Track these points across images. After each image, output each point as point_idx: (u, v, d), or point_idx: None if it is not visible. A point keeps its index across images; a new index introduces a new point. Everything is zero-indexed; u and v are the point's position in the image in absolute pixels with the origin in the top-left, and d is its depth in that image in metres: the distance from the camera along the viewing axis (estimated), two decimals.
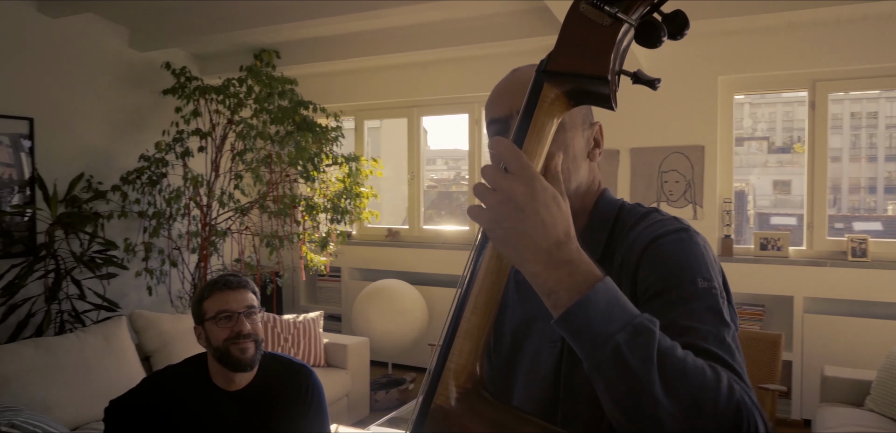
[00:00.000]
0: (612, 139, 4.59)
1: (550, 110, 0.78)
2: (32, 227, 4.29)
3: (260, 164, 4.71)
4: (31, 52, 4.29)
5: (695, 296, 0.83)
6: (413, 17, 4.38)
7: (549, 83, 0.78)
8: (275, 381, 1.97)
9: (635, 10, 0.74)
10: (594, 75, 0.74)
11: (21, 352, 3.07)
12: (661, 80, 0.79)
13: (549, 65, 0.77)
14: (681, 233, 0.90)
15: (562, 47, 0.76)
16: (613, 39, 0.74)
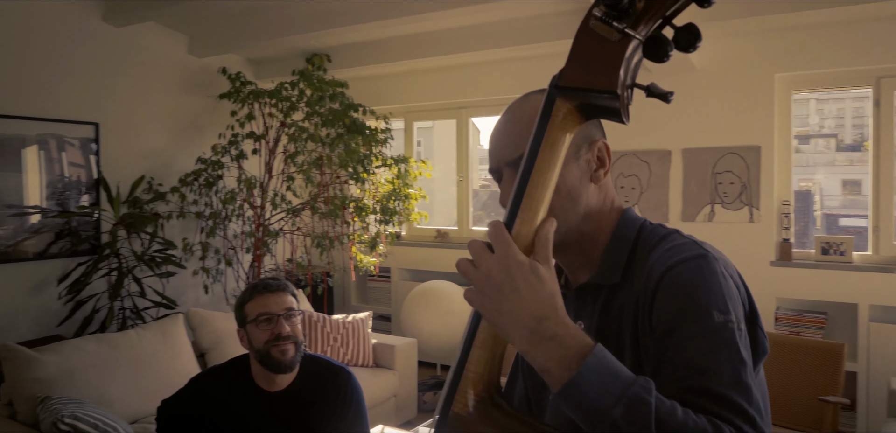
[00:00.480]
0: (664, 140, 4.50)
1: (563, 125, 0.80)
2: (97, 228, 4.50)
3: (311, 166, 4.81)
4: (97, 59, 4.49)
5: (711, 331, 0.80)
6: (461, 20, 4.38)
7: (560, 98, 0.79)
8: (315, 383, 2.01)
9: (643, 26, 0.75)
10: (604, 90, 0.75)
11: (85, 346, 3.21)
12: (673, 93, 0.79)
13: (560, 80, 0.79)
14: (698, 261, 0.86)
15: (572, 62, 0.77)
16: (622, 54, 0.75)
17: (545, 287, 0.74)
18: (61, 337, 4.10)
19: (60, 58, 4.29)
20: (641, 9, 0.74)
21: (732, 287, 0.86)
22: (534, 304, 0.74)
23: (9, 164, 4.07)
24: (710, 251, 0.89)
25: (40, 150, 4.23)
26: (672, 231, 0.96)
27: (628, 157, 4.63)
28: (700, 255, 0.87)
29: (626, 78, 0.76)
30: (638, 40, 0.75)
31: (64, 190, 4.35)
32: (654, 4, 0.74)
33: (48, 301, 4.25)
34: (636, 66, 0.78)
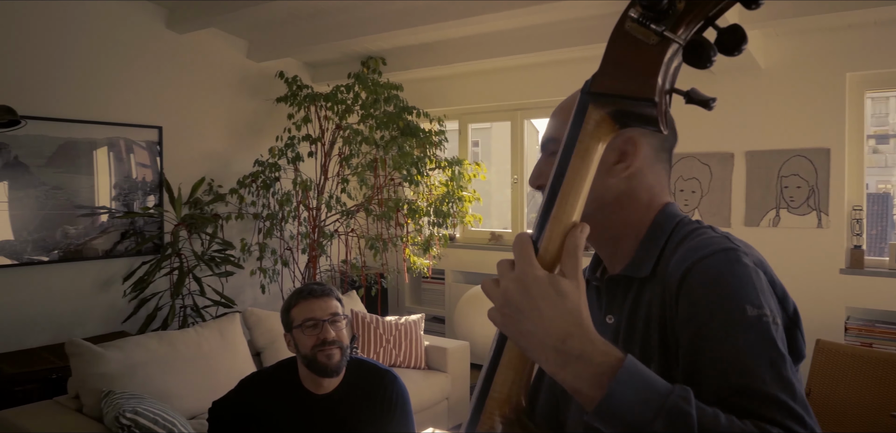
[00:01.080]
0: (726, 142, 4.34)
1: (595, 133, 0.75)
2: (161, 228, 4.65)
3: (365, 168, 4.85)
4: (161, 65, 4.64)
5: (745, 326, 0.74)
6: (516, 21, 4.34)
7: (593, 105, 0.75)
8: (361, 386, 2.01)
9: (684, 28, 0.70)
10: (640, 97, 0.70)
11: (147, 343, 3.31)
12: (715, 99, 0.74)
13: (593, 85, 0.74)
14: (727, 253, 0.81)
15: (606, 67, 0.73)
16: (661, 59, 0.70)
17: (566, 302, 0.70)
18: (126, 333, 4.25)
19: (127, 64, 4.46)
20: (682, 9, 0.69)
21: (764, 282, 0.80)
22: (556, 322, 0.69)
23: (82, 166, 4.25)
24: (741, 246, 0.83)
25: (110, 152, 4.40)
26: (704, 226, 0.91)
27: (688, 160, 4.49)
28: (728, 249, 0.81)
29: (664, 84, 0.71)
30: (678, 44, 0.70)
31: (129, 191, 4.52)
32: (695, 5, 0.69)
33: (114, 298, 4.42)
34: (675, 70, 0.73)
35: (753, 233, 4.26)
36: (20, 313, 4.00)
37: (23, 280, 4.02)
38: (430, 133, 5.02)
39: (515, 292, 0.71)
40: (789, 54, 4.09)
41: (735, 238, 0.86)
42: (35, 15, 4.00)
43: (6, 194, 3.92)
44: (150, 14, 4.55)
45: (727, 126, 4.33)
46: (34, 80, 4.01)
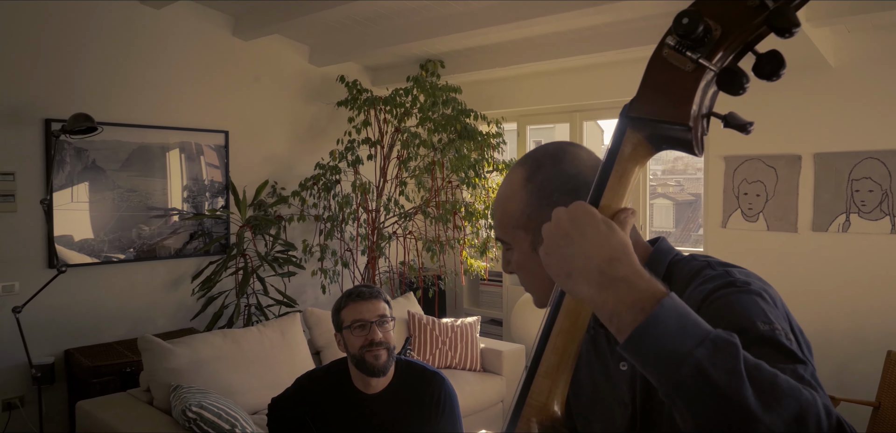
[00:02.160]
0: (793, 143, 4.19)
1: (633, 156, 0.78)
2: (227, 229, 4.83)
3: (423, 171, 4.90)
4: (228, 71, 4.82)
5: (760, 340, 0.75)
6: (573, 23, 4.31)
7: (631, 128, 0.77)
8: (409, 387, 2.06)
9: (720, 56, 0.71)
10: (675, 122, 0.72)
11: (212, 340, 3.45)
12: (753, 124, 0.74)
13: (631, 110, 0.76)
14: (731, 289, 0.83)
15: (644, 92, 0.75)
16: (696, 85, 0.71)
17: (615, 233, 0.72)
18: (194, 330, 4.44)
19: (196, 70, 4.65)
20: (717, 38, 0.70)
21: (775, 306, 0.82)
22: (603, 246, 0.71)
23: (154, 169, 4.46)
24: (743, 279, 0.85)
25: (181, 156, 4.60)
26: (704, 264, 0.91)
27: (753, 162, 4.35)
28: (730, 284, 0.83)
29: (700, 109, 0.72)
30: (712, 71, 0.71)
31: (198, 193, 4.71)
32: (730, 34, 0.70)
33: (183, 296, 4.62)
34: (713, 96, 0.74)
35: (821, 239, 4.10)
36: (97, 309, 4.23)
37: (100, 277, 4.25)
38: (488, 136, 5.03)
39: (566, 219, 0.74)
40: (862, 52, 3.92)
41: (737, 270, 0.87)
42: (110, 26, 4.22)
43: (86, 196, 4.16)
44: (218, 22, 4.73)
45: (794, 127, 4.18)
46: (109, 87, 4.23)
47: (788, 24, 0.66)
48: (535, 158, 1.00)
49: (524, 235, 0.99)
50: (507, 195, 1.01)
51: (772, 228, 4.29)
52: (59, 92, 4.01)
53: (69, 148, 4.05)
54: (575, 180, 0.95)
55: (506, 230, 1.01)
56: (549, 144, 1.03)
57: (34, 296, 3.76)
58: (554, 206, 0.88)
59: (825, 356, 4.06)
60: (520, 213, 0.98)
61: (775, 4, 0.68)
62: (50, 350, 4.00)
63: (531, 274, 1.00)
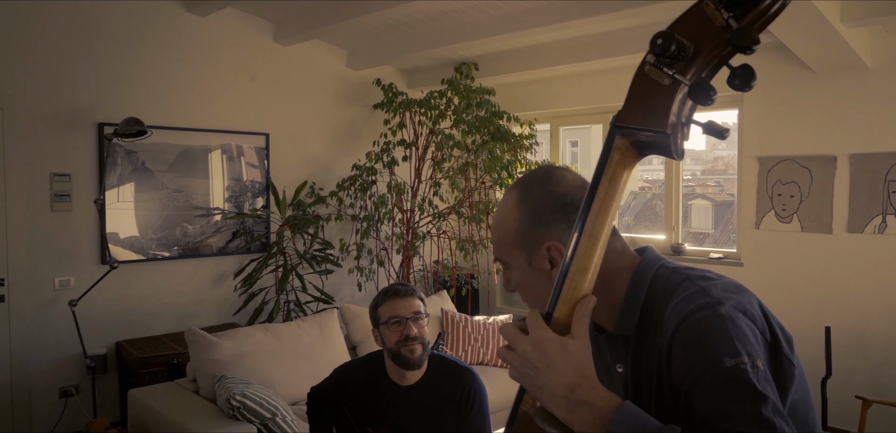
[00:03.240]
0: (828, 144, 4.17)
1: (622, 161, 0.87)
2: (267, 228, 5.00)
3: (457, 172, 5.01)
4: (268, 75, 5.00)
5: (725, 379, 0.83)
6: (606, 25, 4.36)
7: (619, 136, 0.87)
8: (441, 381, 2.16)
9: (693, 71, 0.80)
10: (656, 129, 0.81)
11: (254, 334, 3.60)
12: (729, 131, 0.84)
13: (618, 119, 0.85)
14: (703, 311, 0.89)
15: (629, 103, 0.84)
16: (672, 97, 0.80)
17: (574, 359, 0.84)
18: (236, 324, 4.62)
19: (238, 75, 4.83)
20: (691, 55, 0.79)
21: (742, 327, 0.87)
22: (566, 375, 0.83)
23: (199, 171, 4.65)
24: (717, 296, 0.90)
25: (223, 157, 4.79)
26: (682, 279, 0.98)
27: (787, 163, 4.34)
28: (704, 305, 0.89)
29: (678, 118, 0.81)
30: (686, 85, 0.80)
31: (240, 193, 4.89)
32: (702, 52, 0.79)
33: (226, 292, 4.80)
34: (691, 106, 0.83)
35: (857, 241, 4.07)
36: (146, 303, 4.44)
37: (149, 273, 4.46)
38: (521, 137, 5.11)
39: (532, 353, 0.86)
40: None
41: (712, 285, 0.93)
42: (158, 33, 4.42)
43: (136, 196, 4.37)
44: (259, 29, 4.91)
45: (829, 127, 4.16)
46: (157, 92, 4.44)
47: (749, 41, 0.75)
48: (526, 181, 1.08)
49: (520, 253, 1.06)
50: (503, 217, 1.08)
51: (806, 229, 4.28)
52: (111, 97, 4.22)
53: (120, 150, 4.26)
54: (563, 199, 1.03)
55: (503, 250, 1.08)
56: (538, 168, 1.12)
57: (88, 290, 3.98)
58: (544, 225, 1.02)
59: (861, 358, 4.04)
60: (515, 232, 1.05)
61: (739, 24, 0.76)
62: (102, 342, 4.22)
63: (530, 290, 1.07)
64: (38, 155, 3.97)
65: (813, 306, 4.23)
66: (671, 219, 5.08)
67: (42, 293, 4.02)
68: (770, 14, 0.77)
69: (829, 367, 3.71)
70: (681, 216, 5.12)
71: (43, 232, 4.01)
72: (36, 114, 3.96)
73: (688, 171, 7.45)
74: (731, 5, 0.76)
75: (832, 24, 3.35)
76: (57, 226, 4.06)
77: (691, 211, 7.64)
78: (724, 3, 0.77)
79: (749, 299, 0.92)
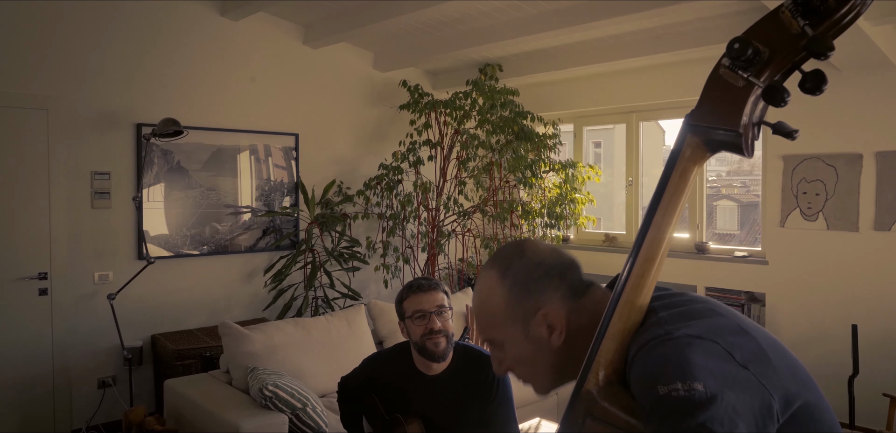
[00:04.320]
0: (854, 142, 4.17)
1: (692, 157, 0.93)
2: (296, 226, 5.12)
3: (482, 171, 5.08)
4: (297, 77, 5.12)
5: (657, 408, 0.83)
6: (629, 26, 4.39)
7: (691, 133, 0.92)
8: (466, 370, 2.24)
9: (767, 74, 0.86)
10: (728, 128, 0.87)
11: (285, 328, 3.71)
12: (798, 131, 0.88)
13: (692, 118, 0.92)
14: (647, 347, 0.90)
15: (703, 103, 0.90)
16: (746, 99, 0.86)
17: None
18: (265, 320, 4.74)
19: (268, 77, 4.96)
20: (766, 59, 0.85)
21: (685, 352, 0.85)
22: None
23: (231, 170, 4.79)
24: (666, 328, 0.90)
25: (253, 157, 4.92)
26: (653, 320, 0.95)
27: (811, 161, 4.34)
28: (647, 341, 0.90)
29: (750, 119, 0.87)
30: (760, 87, 0.86)
31: (270, 192, 5.02)
32: (776, 57, 0.85)
33: (256, 288, 4.93)
34: (763, 107, 0.89)
35: (884, 239, 4.06)
36: (180, 298, 4.58)
37: (182, 269, 4.60)
38: (545, 137, 5.16)
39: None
40: None
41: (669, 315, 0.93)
42: (194, 37, 4.57)
43: (171, 194, 4.51)
44: (289, 32, 5.04)
45: (856, 125, 4.16)
46: (192, 94, 4.58)
47: (825, 48, 0.80)
48: (501, 258, 1.08)
49: (514, 326, 1.04)
50: (487, 296, 1.07)
51: (832, 228, 4.27)
52: (149, 98, 4.38)
53: (157, 150, 4.41)
54: (542, 267, 1.05)
55: (495, 329, 1.07)
56: (507, 244, 1.13)
57: (126, 285, 4.13)
58: (533, 293, 1.04)
59: (889, 356, 4.02)
60: (505, 306, 1.04)
61: (814, 32, 0.82)
62: (138, 334, 4.37)
63: (530, 362, 1.06)
64: (80, 154, 4.14)
65: (839, 304, 4.23)
66: (695, 218, 5.10)
67: (82, 287, 4.18)
68: (845, 22, 0.82)
69: (856, 366, 3.72)
70: (704, 215, 5.13)
71: (84, 228, 4.17)
72: (78, 115, 4.12)
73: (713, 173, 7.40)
74: (807, 13, 0.81)
75: (857, 22, 3.35)
76: (97, 222, 4.22)
77: (717, 212, 7.60)
78: (801, 11, 0.81)
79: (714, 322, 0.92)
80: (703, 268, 4.85)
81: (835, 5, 0.80)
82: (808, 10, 0.81)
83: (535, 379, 1.08)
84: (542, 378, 1.07)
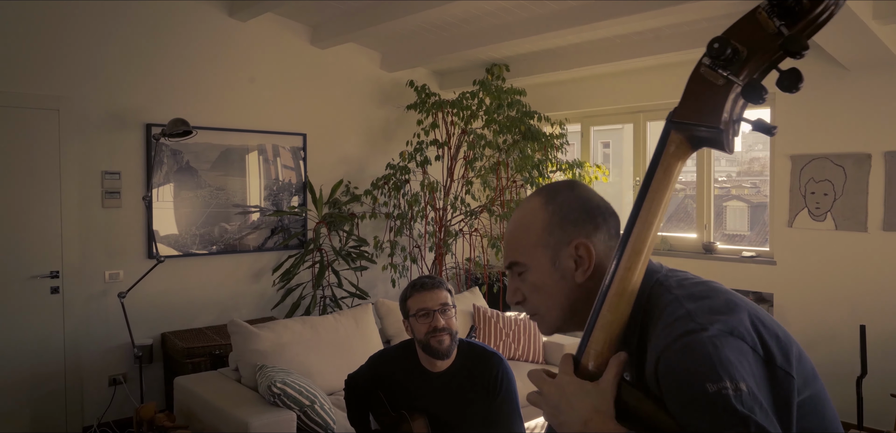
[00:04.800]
0: (862, 142, 4.16)
1: (676, 153, 0.95)
2: (304, 225, 5.15)
3: (489, 171, 5.10)
4: (305, 77, 5.15)
5: (706, 406, 0.85)
6: (636, 25, 4.40)
7: (674, 131, 0.95)
8: (471, 366, 2.26)
9: (746, 73, 0.88)
10: (710, 125, 0.89)
11: (293, 327, 3.74)
12: (777, 128, 0.91)
13: (674, 116, 0.94)
14: (686, 338, 0.90)
15: (685, 101, 0.93)
16: (726, 97, 0.89)
17: (590, 398, 0.93)
18: (274, 318, 4.77)
19: (276, 77, 4.99)
20: (744, 58, 0.87)
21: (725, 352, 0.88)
22: (581, 412, 0.93)
23: (239, 170, 4.83)
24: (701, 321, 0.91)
25: (262, 157, 4.95)
26: (672, 299, 0.98)
27: (820, 161, 4.34)
28: (687, 332, 0.91)
29: (730, 116, 0.89)
30: (739, 85, 0.88)
31: (278, 192, 5.06)
32: (755, 56, 0.87)
33: (264, 287, 4.97)
34: (743, 105, 0.91)
35: (892, 239, 4.05)
36: (189, 297, 4.62)
37: (191, 268, 4.64)
38: (552, 136, 5.18)
39: (555, 394, 0.96)
40: None
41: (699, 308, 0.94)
42: (202, 38, 4.61)
43: (181, 193, 4.55)
44: (297, 33, 5.07)
45: (864, 125, 4.15)
46: (201, 94, 4.62)
47: (800, 48, 0.83)
48: (551, 187, 1.13)
49: (543, 253, 1.08)
50: (527, 218, 1.11)
51: (840, 228, 4.26)
52: (158, 99, 4.42)
53: (166, 150, 4.45)
54: (589, 203, 1.10)
55: (524, 252, 1.10)
56: (560, 180, 1.20)
57: (136, 283, 4.17)
58: (573, 224, 1.08)
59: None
60: (541, 230, 1.08)
61: (790, 32, 0.85)
62: (148, 333, 4.41)
63: (547, 294, 1.09)
64: (90, 154, 4.18)
65: (847, 305, 4.22)
66: (703, 218, 5.10)
67: (93, 285, 4.23)
68: (819, 22, 0.84)
69: (865, 366, 3.71)
70: (712, 215, 5.13)
71: (94, 227, 4.22)
72: (89, 115, 4.16)
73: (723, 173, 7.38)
74: (783, 14, 0.84)
75: (864, 22, 3.35)
76: (107, 221, 4.27)
77: (726, 212, 7.58)
78: (776, 11, 0.84)
79: (739, 318, 0.92)
80: (710, 269, 4.85)
81: (809, 6, 0.83)
82: (784, 11, 0.84)
83: (546, 313, 1.11)
84: (552, 313, 1.10)
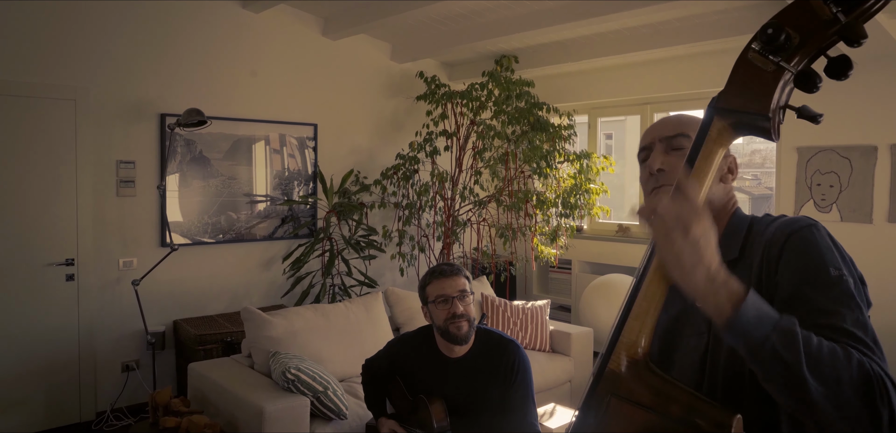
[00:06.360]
0: (868, 134, 4.19)
1: (719, 139, 0.94)
2: (314, 214, 5.21)
3: (497, 161, 5.14)
4: (317, 68, 5.20)
5: (830, 284, 0.97)
6: (644, 18, 4.43)
7: (718, 117, 0.94)
8: (487, 352, 2.32)
9: (798, 59, 0.87)
10: (757, 112, 0.89)
11: (304, 314, 3.80)
12: (823, 115, 0.90)
13: (719, 102, 0.93)
14: (811, 228, 1.03)
15: (731, 87, 0.92)
16: (776, 83, 0.87)
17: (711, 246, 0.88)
18: (284, 306, 4.83)
19: (287, 69, 5.04)
20: (796, 45, 0.86)
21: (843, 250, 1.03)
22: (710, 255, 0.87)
23: (251, 159, 4.88)
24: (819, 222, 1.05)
25: (271, 147, 5.00)
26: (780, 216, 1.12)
27: (826, 153, 4.37)
28: (812, 224, 1.04)
29: (778, 103, 0.88)
30: (791, 73, 0.87)
31: (288, 181, 5.11)
32: (807, 42, 0.86)
33: (274, 276, 5.03)
34: (790, 91, 0.90)
35: None
36: (201, 285, 4.69)
37: (203, 257, 4.70)
38: (560, 128, 5.22)
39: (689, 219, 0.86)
40: None
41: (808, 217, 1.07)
42: (216, 28, 4.65)
43: (195, 182, 4.61)
44: (309, 24, 5.11)
45: (870, 118, 4.18)
46: (214, 84, 4.67)
47: (858, 36, 0.82)
48: None
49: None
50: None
51: (846, 219, 4.30)
52: (173, 89, 4.47)
53: (180, 139, 4.50)
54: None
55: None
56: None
57: (150, 271, 4.24)
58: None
59: None
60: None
61: (847, 19, 0.83)
62: (161, 320, 4.48)
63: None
64: (106, 143, 4.24)
65: None
66: None
67: (108, 273, 4.29)
68: (875, 9, 0.82)
69: None
70: None
71: (109, 216, 4.28)
72: (105, 105, 4.22)
73: None
74: (839, 0, 0.82)
75: None
76: (122, 210, 4.33)
77: None
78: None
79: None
80: None
81: None
82: None
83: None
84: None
